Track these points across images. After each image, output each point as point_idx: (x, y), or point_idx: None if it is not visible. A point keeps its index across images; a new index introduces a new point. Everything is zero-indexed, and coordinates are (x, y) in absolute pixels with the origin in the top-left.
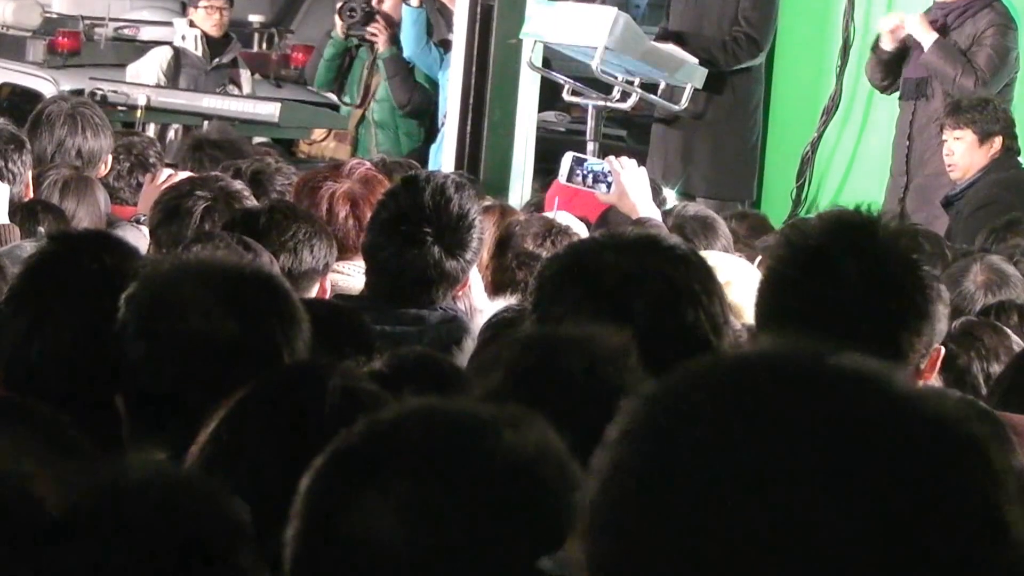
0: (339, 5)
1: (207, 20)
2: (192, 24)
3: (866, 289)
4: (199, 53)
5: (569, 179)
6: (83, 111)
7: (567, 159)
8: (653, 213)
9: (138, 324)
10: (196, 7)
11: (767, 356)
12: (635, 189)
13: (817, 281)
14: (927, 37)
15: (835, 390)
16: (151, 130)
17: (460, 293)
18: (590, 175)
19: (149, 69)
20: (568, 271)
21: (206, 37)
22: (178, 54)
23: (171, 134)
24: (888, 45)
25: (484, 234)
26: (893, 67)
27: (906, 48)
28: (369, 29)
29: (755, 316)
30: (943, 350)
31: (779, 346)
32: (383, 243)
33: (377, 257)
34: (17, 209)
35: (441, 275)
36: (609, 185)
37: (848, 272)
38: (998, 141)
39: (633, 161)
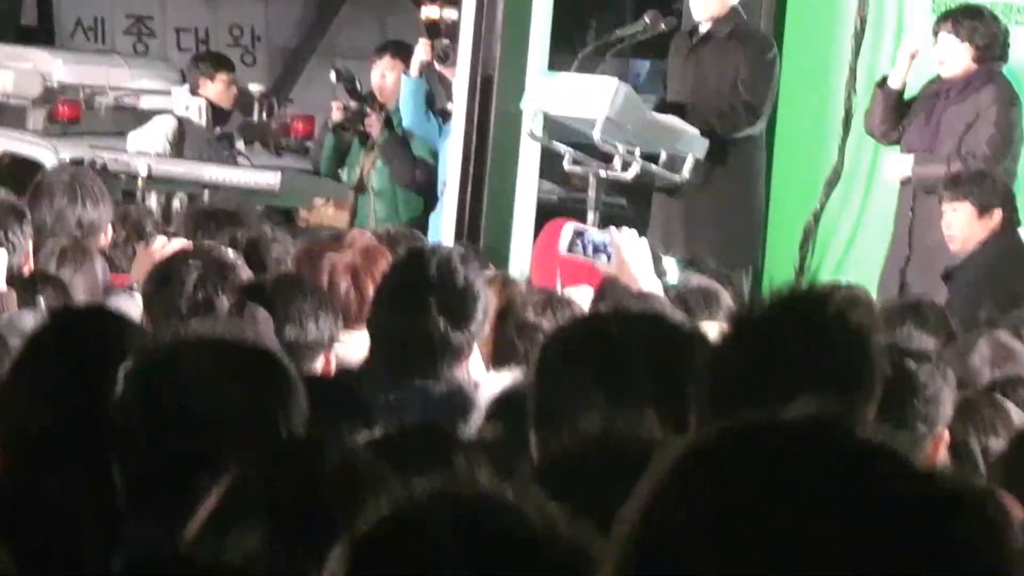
0: (335, 102)
1: (225, 93)
2: (195, 93)
3: (808, 364)
4: (203, 123)
5: (569, 250)
6: (83, 181)
7: (568, 229)
8: (654, 285)
9: (135, 397)
10: (213, 79)
11: (795, 423)
12: (636, 261)
13: (758, 355)
14: (904, 164)
15: (859, 463)
16: (153, 199)
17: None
18: (591, 246)
19: (155, 138)
20: (571, 346)
21: (212, 107)
22: (182, 123)
23: (176, 203)
24: (897, 83)
25: (488, 306)
26: (895, 109)
27: (903, 103)
28: (366, 123)
29: (702, 389)
30: (947, 433)
31: (806, 413)
32: (388, 314)
33: (382, 328)
34: (17, 279)
35: (446, 347)
36: (610, 256)
37: (789, 346)
38: (997, 214)
39: (634, 232)
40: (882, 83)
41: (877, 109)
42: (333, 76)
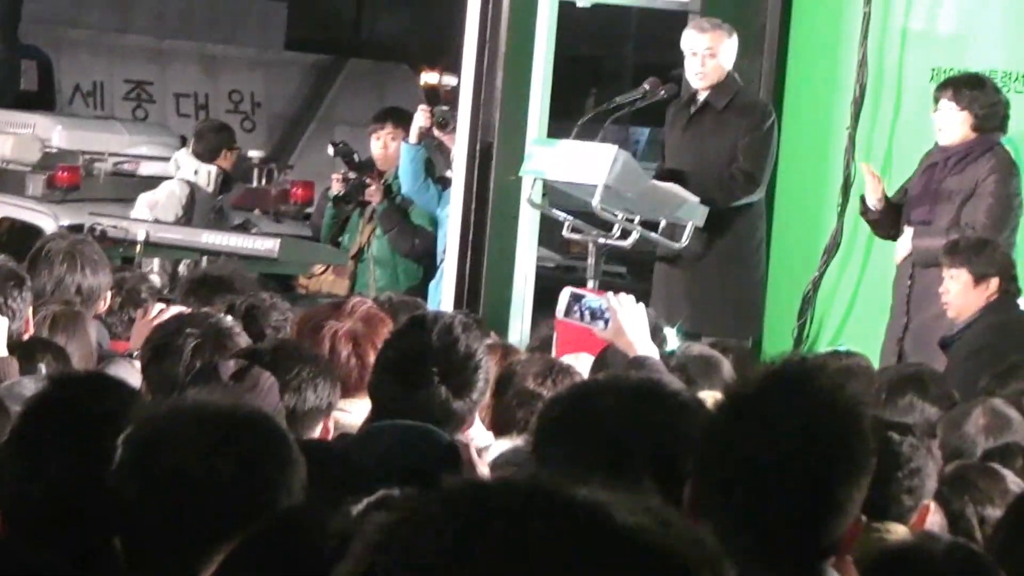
0: (334, 175)
1: (235, 164)
2: (211, 161)
3: (801, 438)
4: (210, 189)
5: (567, 314)
6: (82, 248)
7: (565, 294)
8: (651, 351)
9: (134, 466)
10: (231, 150)
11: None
12: (633, 326)
13: (750, 428)
14: (904, 246)
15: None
16: (156, 264)
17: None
18: (588, 311)
19: (168, 202)
20: (569, 414)
21: (224, 174)
22: (192, 189)
23: (182, 268)
24: (874, 205)
25: (489, 374)
26: (888, 219)
27: (895, 206)
28: (366, 193)
29: (693, 461)
30: (932, 505)
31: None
32: (390, 383)
33: (383, 397)
34: (16, 346)
35: (448, 415)
36: (607, 321)
37: (783, 420)
38: (994, 283)
39: (631, 297)
40: (864, 209)
41: (875, 227)
42: (331, 150)
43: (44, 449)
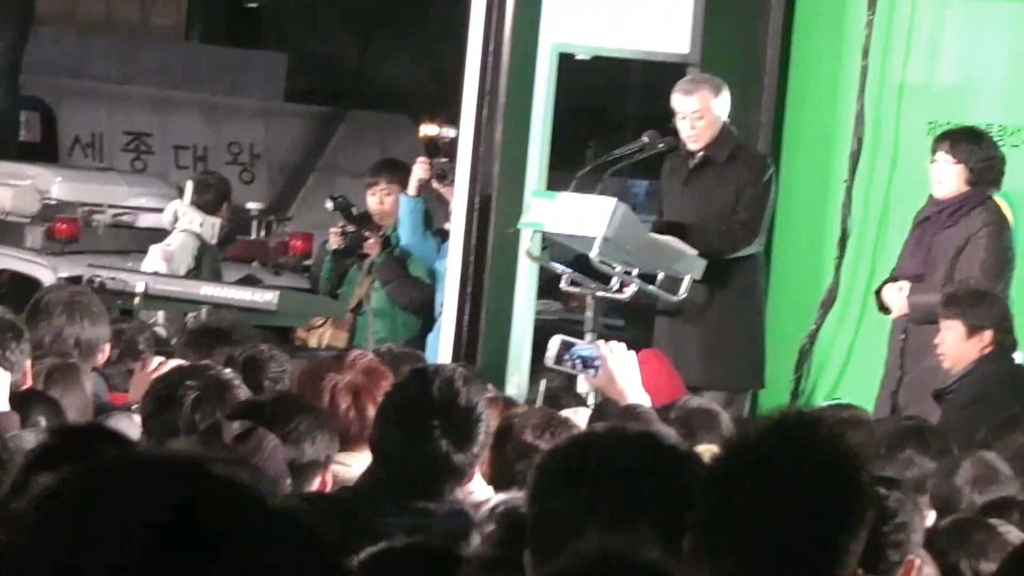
0: (332, 229)
1: (239, 214)
2: (213, 213)
3: (801, 490)
4: (214, 241)
5: (557, 363)
6: (81, 300)
7: (555, 342)
8: (642, 399)
9: None
10: (229, 202)
11: None
12: (623, 374)
13: (751, 480)
14: (894, 298)
15: None
16: (160, 317)
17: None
18: (579, 360)
19: (182, 252)
20: (567, 465)
21: (227, 226)
22: (202, 241)
23: (190, 320)
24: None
25: (490, 428)
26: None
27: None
28: (364, 247)
29: (694, 513)
30: (918, 561)
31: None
32: (391, 435)
33: (385, 449)
34: (13, 399)
35: (449, 468)
36: (597, 369)
37: (782, 473)
38: (988, 335)
39: (622, 345)
40: (881, 307)
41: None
42: (330, 205)
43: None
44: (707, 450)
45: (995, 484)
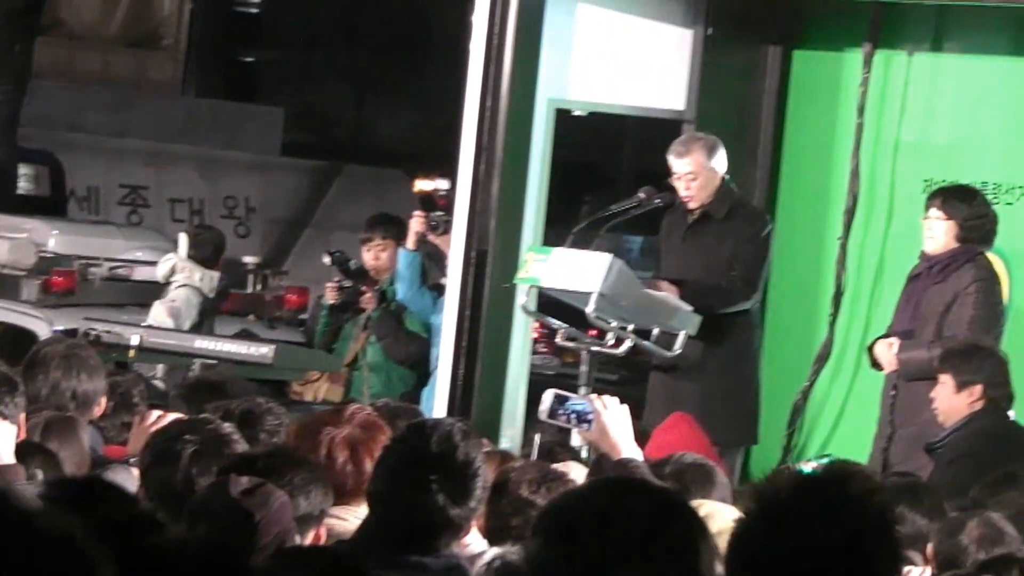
0: (329, 284)
1: (235, 268)
2: (212, 267)
3: (834, 547)
4: (212, 295)
5: (551, 416)
6: (78, 353)
7: (548, 396)
8: (635, 453)
9: None
10: (223, 257)
11: None
12: (616, 428)
13: (785, 536)
14: (884, 354)
15: None
16: (160, 371)
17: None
18: (573, 414)
19: (186, 307)
20: (566, 519)
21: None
22: (203, 296)
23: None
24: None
25: (488, 482)
26: None
27: None
28: (361, 301)
29: (724, 567)
30: None
31: None
32: (388, 489)
33: (382, 502)
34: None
35: (446, 522)
36: (590, 423)
37: (816, 529)
38: (978, 390)
39: (615, 400)
40: (873, 363)
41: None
42: (327, 260)
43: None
44: (699, 504)
45: (1000, 544)
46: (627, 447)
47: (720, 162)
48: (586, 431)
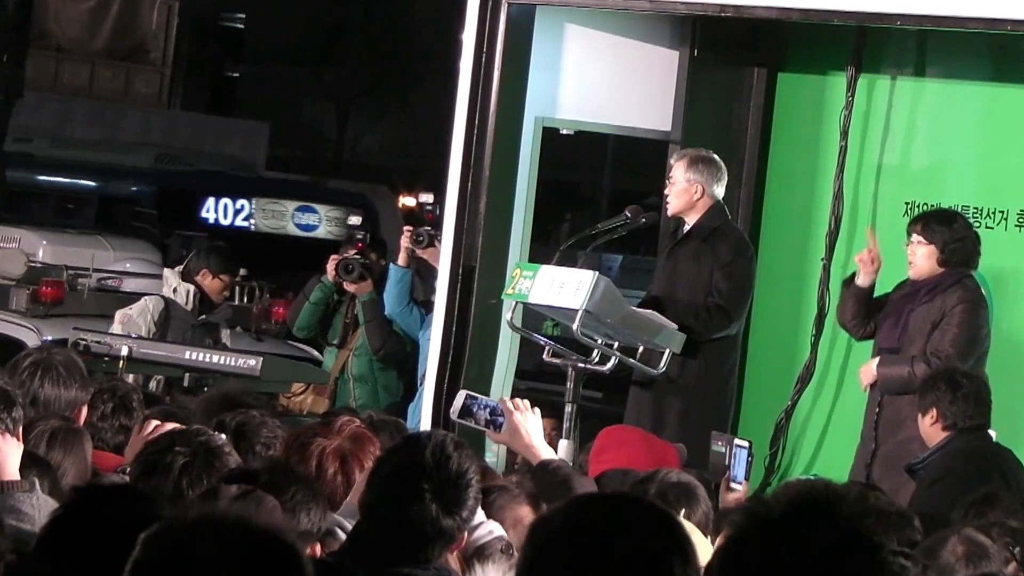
0: (335, 262)
1: (218, 290)
2: (190, 279)
3: (827, 564)
4: (188, 307)
5: (462, 416)
6: (63, 362)
7: (460, 396)
8: (550, 453)
9: (152, 570)
10: (214, 276)
11: None
12: (527, 430)
13: (777, 555)
14: (868, 374)
15: None
16: (155, 382)
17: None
18: (484, 413)
19: (140, 316)
20: (557, 530)
21: (201, 296)
22: (168, 305)
23: (185, 381)
24: (864, 281)
25: (480, 493)
26: (864, 306)
27: (881, 301)
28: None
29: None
30: None
31: None
32: (381, 499)
33: (375, 513)
34: None
35: (438, 533)
36: (501, 426)
37: (809, 549)
38: (951, 415)
39: (527, 402)
40: (850, 281)
41: (847, 305)
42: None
43: (68, 556)
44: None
45: (985, 560)
46: (543, 448)
47: (702, 177)
48: (496, 433)
